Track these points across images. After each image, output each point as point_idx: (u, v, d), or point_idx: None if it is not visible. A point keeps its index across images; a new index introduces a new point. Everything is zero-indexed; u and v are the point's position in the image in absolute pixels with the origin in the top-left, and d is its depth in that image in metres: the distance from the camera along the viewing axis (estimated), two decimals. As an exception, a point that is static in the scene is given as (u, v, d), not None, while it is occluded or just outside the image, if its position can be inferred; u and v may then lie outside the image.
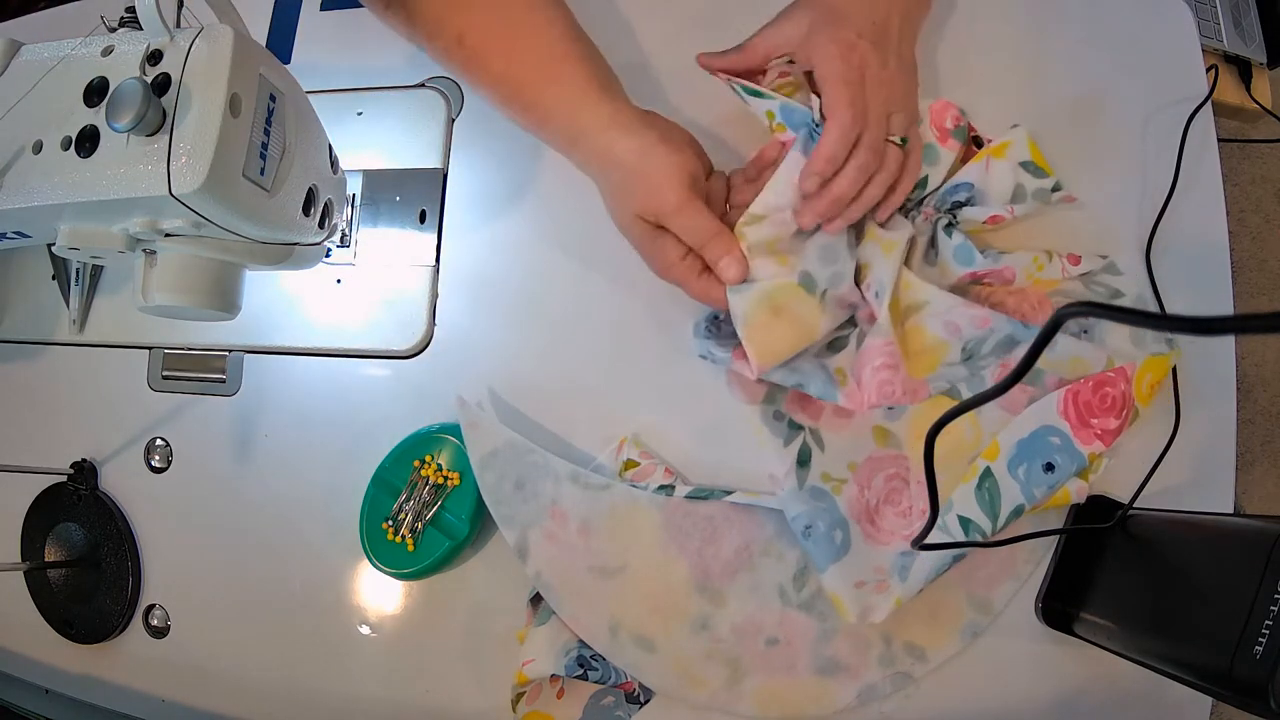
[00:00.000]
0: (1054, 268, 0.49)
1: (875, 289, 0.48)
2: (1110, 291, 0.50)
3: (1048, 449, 0.46)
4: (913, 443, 0.50)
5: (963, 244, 0.48)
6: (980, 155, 0.50)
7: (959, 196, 0.50)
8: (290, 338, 0.59)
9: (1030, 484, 0.46)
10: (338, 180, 0.54)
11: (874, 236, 0.49)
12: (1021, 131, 0.50)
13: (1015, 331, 0.47)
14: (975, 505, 0.46)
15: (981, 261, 0.48)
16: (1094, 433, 0.46)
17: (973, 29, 0.55)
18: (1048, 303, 0.50)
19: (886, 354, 0.46)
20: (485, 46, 0.48)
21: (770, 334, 0.46)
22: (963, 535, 0.45)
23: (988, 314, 0.47)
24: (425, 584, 0.54)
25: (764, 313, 0.46)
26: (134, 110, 0.38)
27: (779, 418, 0.50)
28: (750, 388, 0.51)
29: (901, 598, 0.45)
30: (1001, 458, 0.46)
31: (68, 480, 0.60)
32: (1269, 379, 1.29)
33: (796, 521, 0.47)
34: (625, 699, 0.50)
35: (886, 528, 0.48)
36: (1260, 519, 0.36)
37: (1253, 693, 0.33)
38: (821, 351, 0.50)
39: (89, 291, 0.63)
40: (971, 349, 0.48)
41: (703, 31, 0.53)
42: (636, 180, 0.45)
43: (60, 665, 0.59)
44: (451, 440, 0.52)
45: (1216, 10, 1.02)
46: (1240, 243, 1.35)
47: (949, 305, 0.48)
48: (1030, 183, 0.50)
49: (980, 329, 0.47)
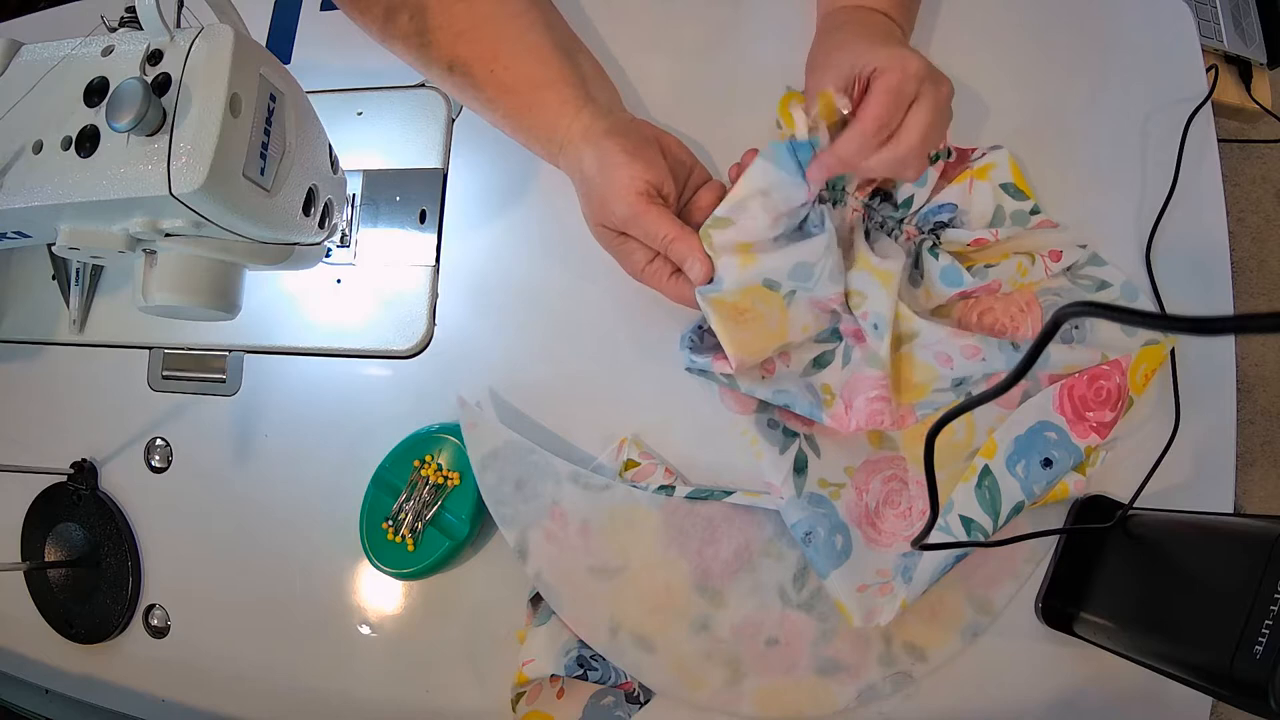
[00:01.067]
0: (1037, 269, 0.49)
1: (874, 321, 0.47)
2: (1097, 284, 0.50)
3: (1045, 444, 0.46)
4: (909, 443, 0.50)
5: (950, 266, 0.48)
6: (963, 176, 0.50)
7: (942, 217, 0.49)
8: (290, 338, 0.59)
9: (1030, 480, 0.46)
10: (338, 180, 0.54)
11: (867, 266, 0.47)
12: (1003, 153, 0.50)
13: (1007, 361, 0.46)
14: (976, 505, 0.46)
15: (970, 281, 0.48)
16: (1089, 426, 0.46)
17: (972, 29, 0.55)
18: (1035, 303, 0.50)
19: (881, 387, 0.46)
20: (478, 73, 0.50)
21: (740, 332, 0.46)
22: (965, 536, 0.45)
23: (978, 343, 0.47)
24: (425, 584, 0.54)
25: (730, 311, 0.46)
26: (134, 110, 0.38)
27: (773, 425, 0.50)
28: (742, 399, 0.50)
29: (907, 599, 0.45)
30: (999, 455, 0.46)
31: (68, 480, 0.60)
32: (1269, 379, 1.29)
33: (797, 528, 0.47)
34: (625, 699, 0.50)
35: (888, 530, 0.48)
36: (1260, 519, 0.37)
37: (1253, 692, 0.33)
38: (807, 369, 0.50)
39: (89, 291, 0.63)
40: (961, 378, 0.48)
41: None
42: (594, 191, 0.47)
43: (60, 665, 0.59)
44: (451, 440, 0.52)
45: (1216, 10, 1.02)
46: (1240, 243, 1.36)
47: (939, 337, 0.47)
48: (1009, 204, 0.49)
49: (971, 360, 0.47)
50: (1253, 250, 1.36)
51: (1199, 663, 0.36)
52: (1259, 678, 0.33)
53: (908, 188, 0.49)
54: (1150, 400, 0.49)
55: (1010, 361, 0.46)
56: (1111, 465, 0.48)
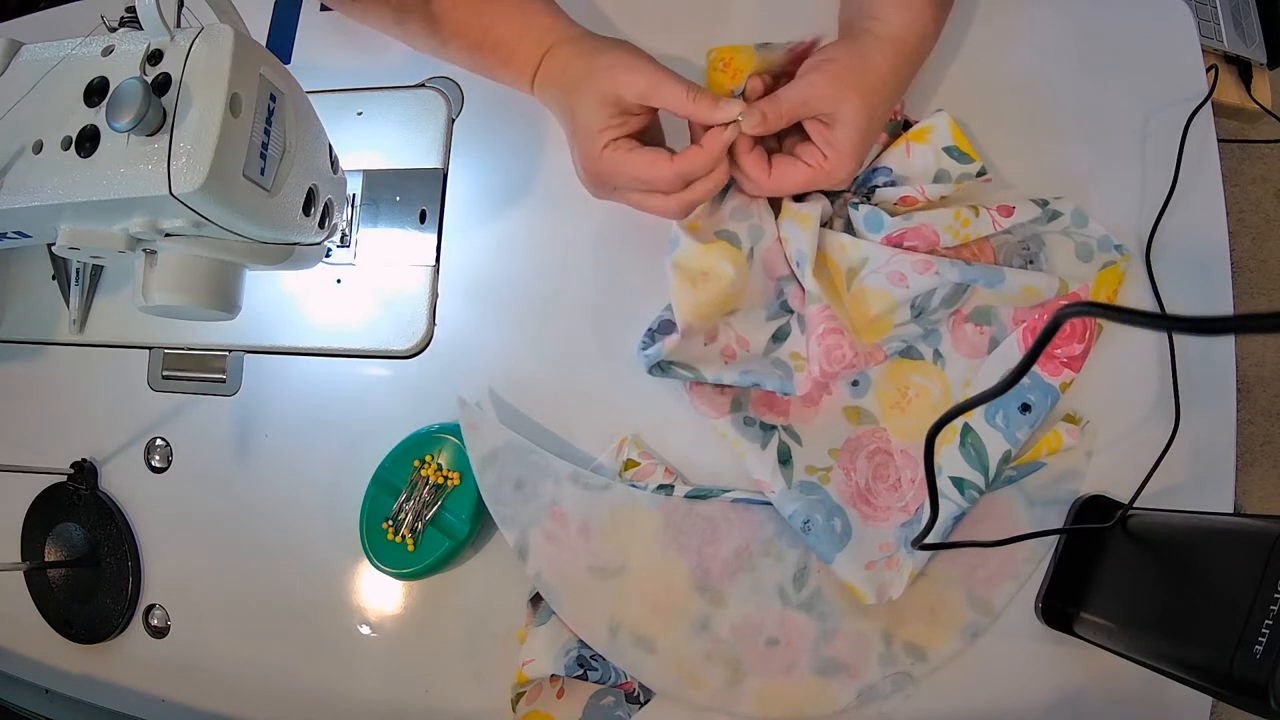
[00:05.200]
0: (982, 222, 0.48)
1: (797, 259, 0.48)
2: (1048, 214, 0.50)
3: (1019, 391, 0.47)
4: (885, 413, 0.50)
5: (870, 211, 0.48)
6: (900, 140, 0.50)
7: (876, 181, 0.49)
8: (290, 338, 0.59)
9: (1011, 428, 0.46)
10: (338, 180, 0.54)
11: (789, 213, 0.49)
12: (943, 116, 0.50)
13: (961, 273, 0.46)
14: (964, 463, 0.46)
15: (892, 223, 0.48)
16: (1060, 362, 0.47)
17: (972, 29, 0.55)
18: (988, 245, 0.50)
19: (826, 318, 0.46)
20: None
21: (696, 294, 0.47)
22: (959, 495, 0.46)
23: (929, 258, 0.47)
24: (425, 584, 0.54)
25: (694, 275, 0.47)
26: (134, 110, 0.38)
27: (750, 423, 0.50)
28: (714, 401, 0.50)
29: (915, 569, 0.45)
30: (977, 411, 0.46)
31: (68, 480, 0.60)
32: (1269, 379, 1.29)
33: (795, 518, 0.47)
34: (625, 699, 0.50)
35: (882, 504, 0.49)
36: (1260, 519, 0.37)
37: (1253, 692, 0.33)
38: (768, 347, 0.51)
39: (89, 291, 0.63)
40: (921, 304, 0.48)
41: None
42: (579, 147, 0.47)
43: (60, 665, 0.59)
44: (451, 440, 0.52)
45: (1216, 10, 1.02)
46: (1240, 243, 1.35)
47: (887, 257, 0.47)
48: (954, 168, 0.49)
49: (925, 274, 0.46)
50: (1253, 250, 1.36)
51: (1199, 663, 0.36)
52: (1259, 678, 0.33)
53: None
54: (1150, 399, 0.49)
55: (964, 273, 0.46)
56: (1111, 465, 0.48)
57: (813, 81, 0.45)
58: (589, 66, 0.46)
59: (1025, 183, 0.52)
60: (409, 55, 0.61)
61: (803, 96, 0.44)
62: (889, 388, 0.50)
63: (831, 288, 0.49)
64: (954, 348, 0.49)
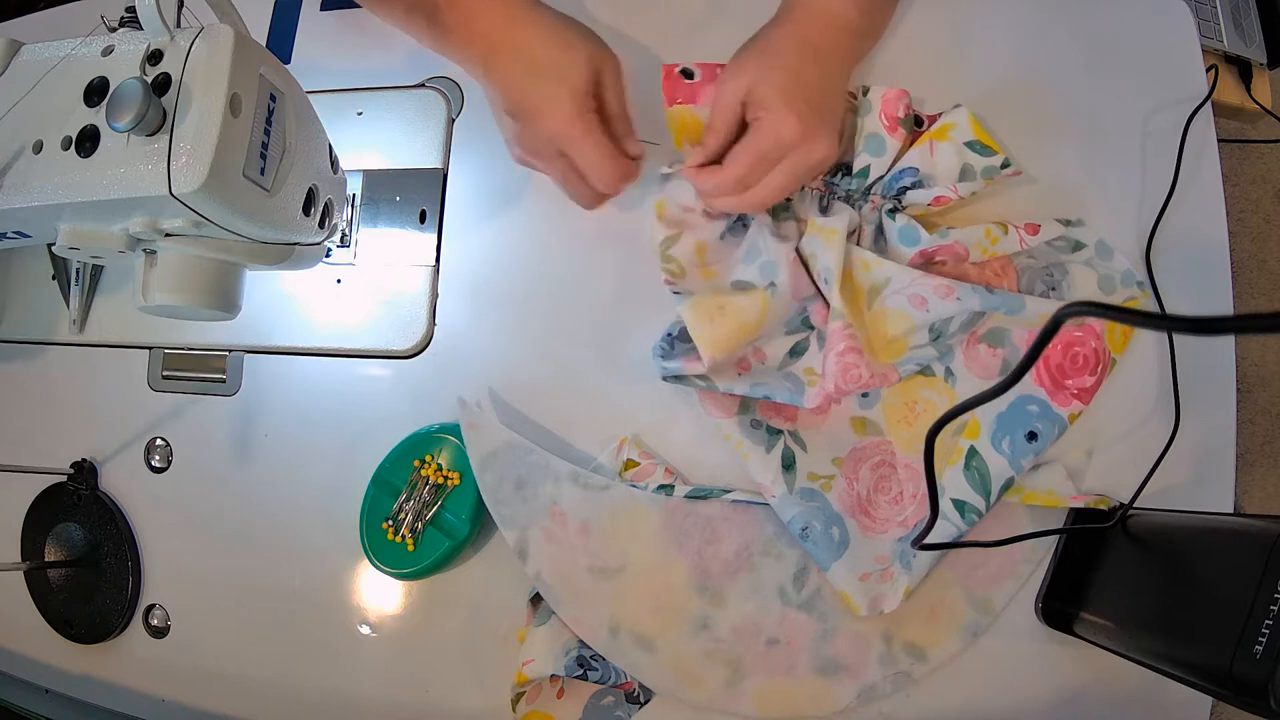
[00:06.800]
0: (1010, 240, 0.48)
1: (824, 276, 0.48)
2: (1071, 244, 0.50)
3: (1027, 418, 0.47)
4: (892, 426, 0.50)
5: (907, 225, 0.48)
6: (922, 139, 0.49)
7: (904, 182, 0.49)
8: (290, 338, 0.59)
9: (1016, 455, 0.46)
10: (338, 180, 0.54)
11: (815, 229, 0.49)
12: (963, 111, 0.49)
13: (982, 301, 0.46)
14: (966, 486, 0.46)
15: (928, 239, 0.47)
16: (1070, 393, 0.47)
17: (971, 28, 0.55)
18: (1011, 268, 0.50)
19: (846, 337, 0.46)
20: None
21: (715, 329, 0.47)
22: (959, 518, 0.46)
23: (951, 283, 0.47)
24: (425, 584, 0.54)
25: (709, 308, 0.47)
26: (134, 110, 0.38)
27: (756, 425, 0.49)
28: (722, 402, 0.50)
29: (910, 585, 0.45)
30: (984, 434, 0.46)
31: (68, 480, 0.60)
32: (1269, 379, 1.29)
33: (794, 524, 0.47)
34: (625, 699, 0.50)
35: (881, 517, 0.48)
36: (1260, 519, 0.37)
37: (1253, 692, 0.33)
38: (784, 361, 0.50)
39: (89, 291, 0.63)
40: (939, 328, 0.48)
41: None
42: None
43: (60, 665, 0.59)
44: (451, 440, 0.52)
45: (1216, 10, 1.02)
46: (1240, 243, 1.35)
47: (910, 279, 0.47)
48: (978, 162, 0.49)
49: (946, 299, 0.46)
50: (1253, 250, 1.36)
51: (1199, 662, 0.36)
52: (1259, 678, 0.33)
53: (864, 157, 0.49)
54: (1150, 398, 0.49)
55: (985, 301, 0.46)
56: (1111, 465, 0.48)
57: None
58: (584, 30, 0.47)
59: (1026, 182, 0.52)
60: (409, 55, 0.61)
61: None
62: (897, 401, 0.50)
63: (853, 305, 0.49)
64: (966, 367, 0.49)
